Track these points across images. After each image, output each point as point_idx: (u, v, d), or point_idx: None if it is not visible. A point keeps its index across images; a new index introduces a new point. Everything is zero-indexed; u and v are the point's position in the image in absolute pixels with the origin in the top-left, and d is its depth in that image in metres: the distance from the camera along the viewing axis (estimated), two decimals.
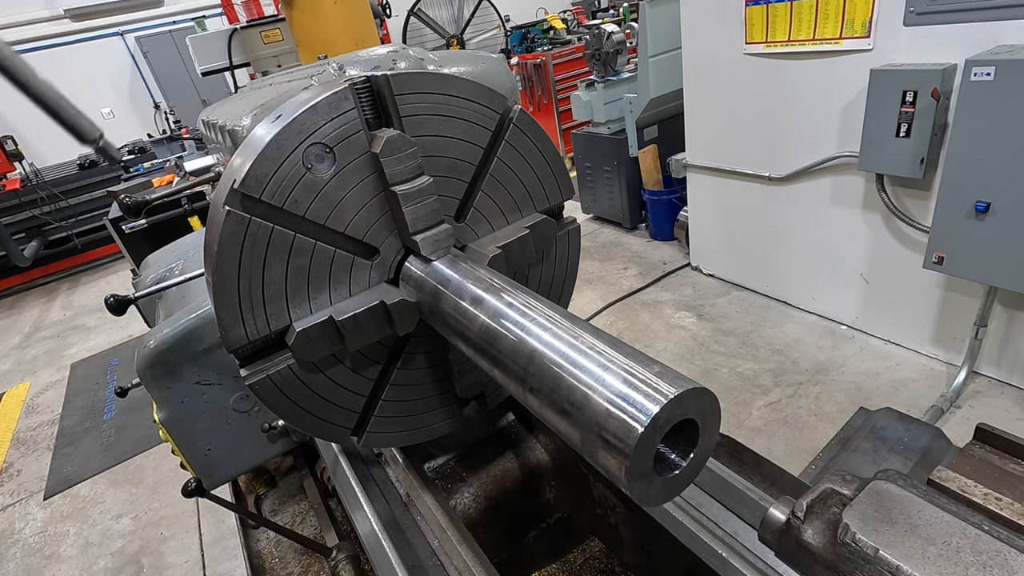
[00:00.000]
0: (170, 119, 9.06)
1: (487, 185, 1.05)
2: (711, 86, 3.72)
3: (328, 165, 0.87)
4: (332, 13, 3.10)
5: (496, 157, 1.05)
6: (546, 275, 1.21)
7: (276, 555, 2.25)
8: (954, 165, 2.39)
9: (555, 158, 1.12)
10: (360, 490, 1.27)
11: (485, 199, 1.06)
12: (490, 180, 1.05)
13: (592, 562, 1.64)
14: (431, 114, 0.95)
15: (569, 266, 1.24)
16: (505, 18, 8.99)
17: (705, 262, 4.39)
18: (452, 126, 0.98)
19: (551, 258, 1.20)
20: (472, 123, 1.01)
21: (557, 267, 1.22)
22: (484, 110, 1.01)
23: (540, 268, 1.19)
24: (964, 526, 0.59)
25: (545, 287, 1.22)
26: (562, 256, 1.22)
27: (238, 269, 0.84)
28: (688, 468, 0.61)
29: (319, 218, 0.89)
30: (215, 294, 0.84)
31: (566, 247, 1.22)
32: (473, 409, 1.20)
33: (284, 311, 0.90)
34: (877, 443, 1.78)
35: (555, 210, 1.16)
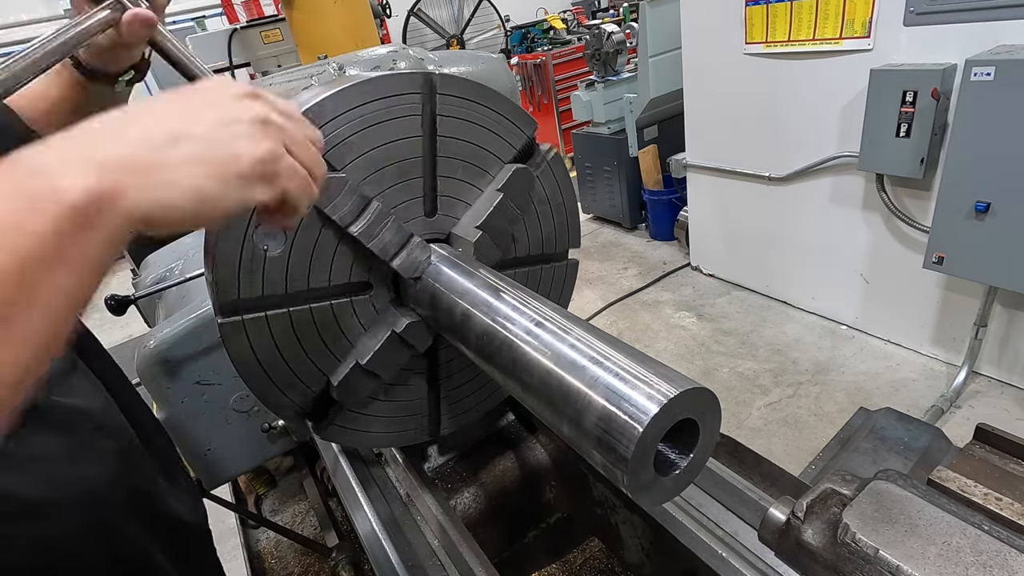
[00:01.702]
0: None
1: (443, 168, 0.99)
2: (711, 86, 3.72)
3: (280, 239, 0.87)
4: (332, 13, 3.10)
5: (438, 136, 0.98)
6: (544, 217, 1.13)
7: (276, 555, 2.25)
8: (954, 165, 2.39)
9: (499, 102, 1.03)
10: (360, 490, 1.27)
11: (448, 182, 1.01)
12: (443, 162, 0.99)
13: (592, 562, 1.64)
14: (350, 135, 0.87)
15: (564, 196, 1.15)
16: (505, 18, 8.98)
17: (705, 262, 4.39)
18: (377, 133, 0.89)
19: (541, 197, 1.11)
20: (397, 118, 0.91)
21: (552, 203, 1.13)
22: (402, 98, 0.92)
23: (535, 211, 1.11)
24: (964, 526, 0.59)
25: (548, 230, 1.15)
26: (552, 188, 1.12)
27: (259, 364, 0.91)
28: (688, 468, 0.61)
29: (300, 285, 0.90)
30: (257, 392, 0.93)
31: (552, 178, 1.11)
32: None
33: (317, 373, 0.96)
34: (877, 443, 1.78)
35: (525, 150, 1.07)
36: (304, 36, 3.24)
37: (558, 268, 1.19)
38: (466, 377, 1.15)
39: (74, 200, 0.38)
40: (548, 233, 1.15)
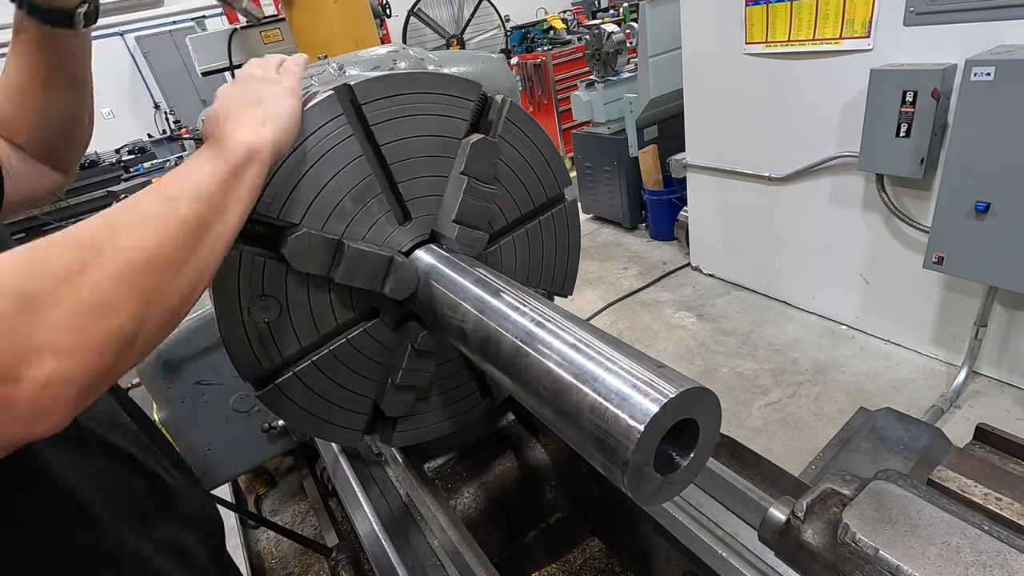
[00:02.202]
0: (170, 119, 9.06)
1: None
2: (711, 86, 3.72)
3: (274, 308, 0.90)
4: (332, 13, 3.09)
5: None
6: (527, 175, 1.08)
7: (276, 555, 2.25)
8: (954, 165, 2.39)
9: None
10: (360, 490, 1.27)
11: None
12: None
13: (592, 562, 1.64)
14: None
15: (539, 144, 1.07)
16: (505, 18, 8.98)
17: (705, 262, 4.39)
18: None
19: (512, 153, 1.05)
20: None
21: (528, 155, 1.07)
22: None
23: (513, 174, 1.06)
24: (964, 526, 0.59)
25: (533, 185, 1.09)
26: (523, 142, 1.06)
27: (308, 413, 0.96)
28: (688, 468, 0.61)
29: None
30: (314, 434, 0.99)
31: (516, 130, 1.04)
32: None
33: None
34: (877, 443, 1.78)
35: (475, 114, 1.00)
36: (304, 36, 3.24)
37: (557, 213, 1.14)
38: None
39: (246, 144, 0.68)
40: (533, 185, 1.09)
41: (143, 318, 0.54)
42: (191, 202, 0.60)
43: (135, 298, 0.53)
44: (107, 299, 0.51)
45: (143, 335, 0.54)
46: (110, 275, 0.51)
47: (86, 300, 0.49)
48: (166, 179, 0.63)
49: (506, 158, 1.03)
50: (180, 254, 0.58)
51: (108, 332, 0.50)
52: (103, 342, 0.50)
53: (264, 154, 0.69)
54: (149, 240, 0.55)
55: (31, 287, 0.47)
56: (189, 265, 0.59)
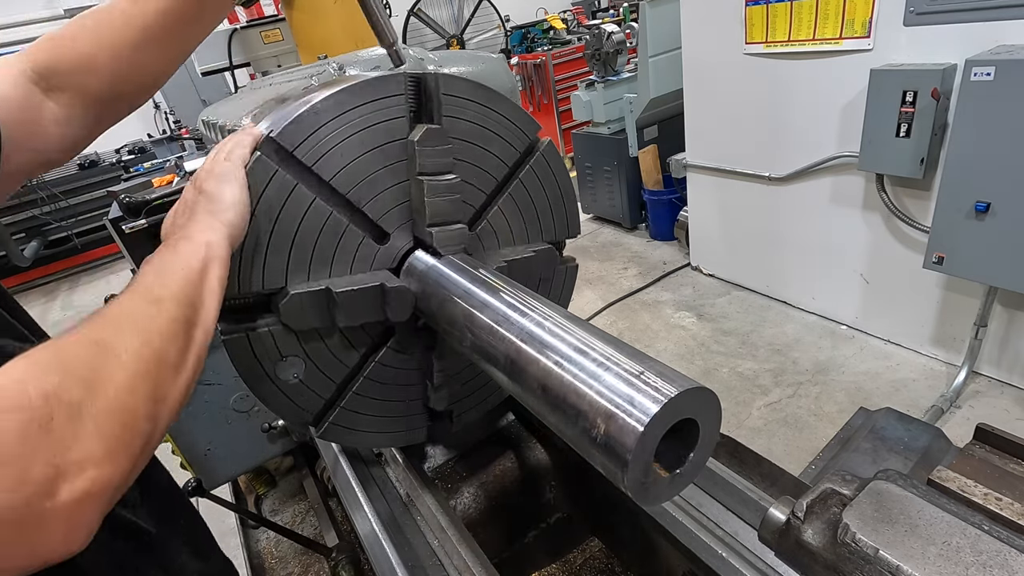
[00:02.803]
0: (170, 119, 9.05)
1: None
2: (711, 86, 3.72)
3: (299, 365, 0.94)
4: (332, 13, 3.09)
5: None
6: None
7: (276, 555, 2.25)
8: (954, 165, 2.39)
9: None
10: (360, 490, 1.27)
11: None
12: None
13: (592, 562, 1.64)
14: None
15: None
16: (505, 18, 8.97)
17: (705, 262, 4.39)
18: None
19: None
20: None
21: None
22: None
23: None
24: (964, 526, 0.59)
25: None
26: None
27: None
28: (688, 468, 0.61)
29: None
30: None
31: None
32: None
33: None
34: (877, 443, 1.78)
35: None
36: (304, 36, 3.24)
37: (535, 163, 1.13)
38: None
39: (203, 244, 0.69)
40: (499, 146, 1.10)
41: (157, 418, 0.55)
42: (175, 303, 0.62)
43: (150, 399, 0.54)
44: (130, 403, 0.51)
45: (156, 435, 0.55)
46: (129, 377, 0.52)
47: (113, 405, 0.49)
48: (140, 282, 0.63)
49: (460, 133, 0.98)
50: (178, 353, 0.60)
51: (133, 435, 0.51)
52: (131, 446, 0.51)
53: (221, 250, 0.71)
54: (154, 341, 0.57)
55: (68, 394, 0.46)
56: (186, 362, 0.61)
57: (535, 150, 1.09)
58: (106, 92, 0.88)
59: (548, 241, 1.15)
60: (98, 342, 0.52)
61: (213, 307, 0.67)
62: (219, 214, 0.74)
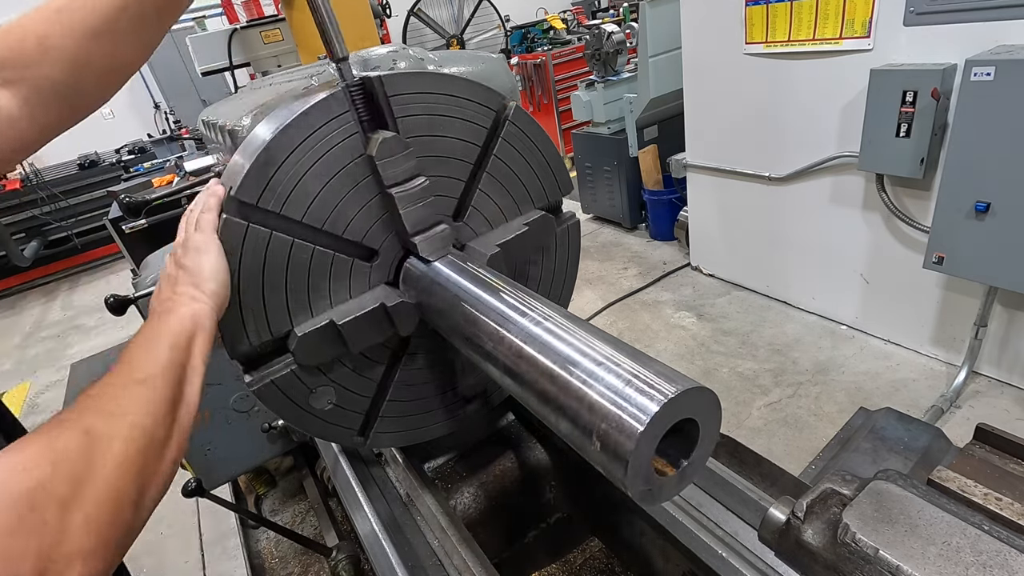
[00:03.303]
0: (170, 119, 9.05)
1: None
2: (711, 86, 3.72)
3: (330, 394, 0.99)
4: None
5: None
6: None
7: (276, 555, 2.25)
8: (954, 165, 2.39)
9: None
10: (360, 490, 1.27)
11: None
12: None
13: (592, 562, 1.64)
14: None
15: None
16: (505, 18, 8.98)
17: (705, 262, 4.39)
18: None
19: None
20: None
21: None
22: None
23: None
24: (964, 526, 0.59)
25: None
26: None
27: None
28: (688, 468, 0.61)
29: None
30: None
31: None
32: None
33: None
34: (877, 443, 1.78)
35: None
36: (304, 36, 3.24)
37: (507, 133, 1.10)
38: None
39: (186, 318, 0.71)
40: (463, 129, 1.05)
41: (143, 503, 0.54)
42: (163, 382, 0.62)
43: (137, 485, 0.53)
44: (119, 491, 0.51)
45: (142, 519, 0.55)
46: (118, 466, 0.52)
47: (102, 496, 0.49)
48: (128, 359, 0.63)
49: (419, 129, 0.94)
50: (164, 431, 0.60)
51: (121, 524, 0.51)
52: (118, 534, 0.50)
53: (207, 320, 0.73)
54: (142, 424, 0.56)
55: (58, 488, 0.46)
56: (172, 440, 0.61)
57: (503, 120, 1.04)
58: (64, 84, 0.81)
59: (542, 206, 1.11)
60: (87, 431, 0.52)
61: (197, 384, 0.68)
62: (201, 285, 0.75)
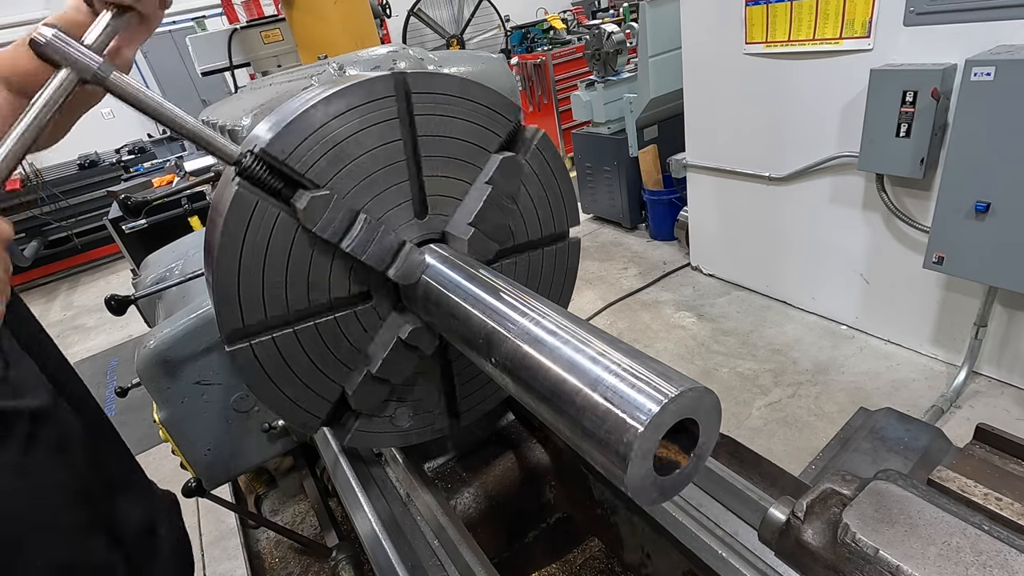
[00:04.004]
0: None
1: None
2: (711, 86, 3.72)
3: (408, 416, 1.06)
4: (332, 13, 3.10)
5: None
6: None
7: (276, 555, 2.25)
8: (954, 165, 2.39)
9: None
10: (360, 490, 1.27)
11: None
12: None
13: (592, 562, 1.64)
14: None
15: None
16: (505, 18, 8.98)
17: (705, 262, 4.39)
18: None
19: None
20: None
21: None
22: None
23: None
24: (964, 526, 0.59)
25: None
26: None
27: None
28: (688, 468, 0.61)
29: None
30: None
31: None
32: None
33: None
34: (877, 443, 1.78)
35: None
36: (304, 36, 3.24)
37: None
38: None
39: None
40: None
41: None
42: None
43: None
44: None
45: None
46: None
47: None
48: None
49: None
50: None
51: None
52: None
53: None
54: None
55: None
56: None
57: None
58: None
59: (497, 145, 1.03)
60: None
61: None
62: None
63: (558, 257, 1.17)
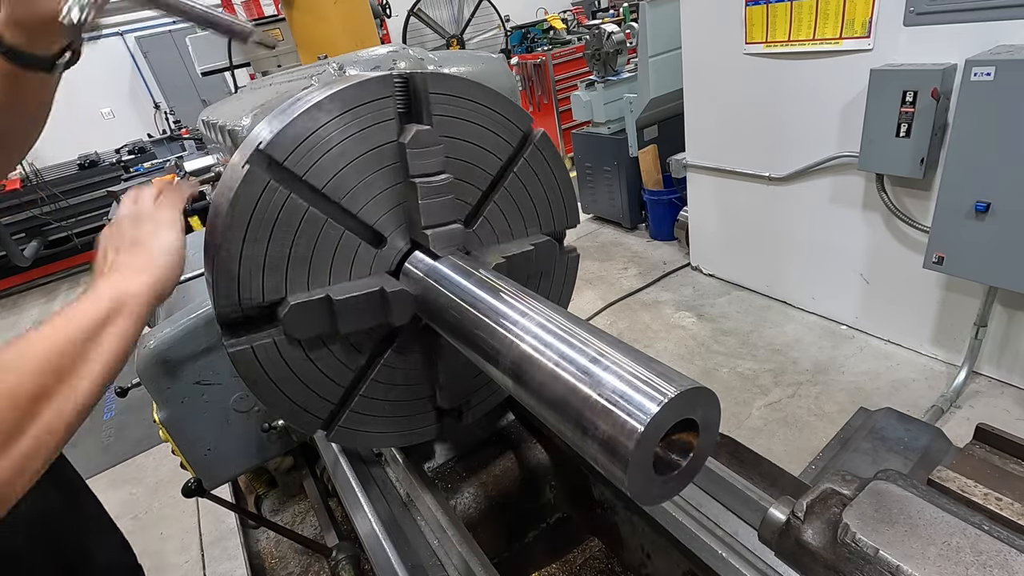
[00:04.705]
0: (170, 119, 9.06)
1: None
2: (711, 86, 3.72)
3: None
4: (332, 13, 3.09)
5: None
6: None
7: (276, 555, 2.25)
8: (954, 165, 2.39)
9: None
10: (360, 490, 1.27)
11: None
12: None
13: (592, 562, 1.64)
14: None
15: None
16: (505, 18, 8.99)
17: (705, 262, 4.39)
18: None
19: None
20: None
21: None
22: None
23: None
24: (964, 526, 0.59)
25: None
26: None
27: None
28: (688, 468, 0.61)
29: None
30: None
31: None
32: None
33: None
34: (877, 443, 1.78)
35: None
36: (304, 36, 3.24)
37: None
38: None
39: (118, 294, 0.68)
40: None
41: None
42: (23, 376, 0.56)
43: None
44: None
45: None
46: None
47: None
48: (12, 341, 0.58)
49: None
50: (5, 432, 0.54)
51: None
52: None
53: (138, 301, 0.68)
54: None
55: None
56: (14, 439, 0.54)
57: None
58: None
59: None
60: None
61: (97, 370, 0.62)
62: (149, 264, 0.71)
63: (533, 163, 1.12)
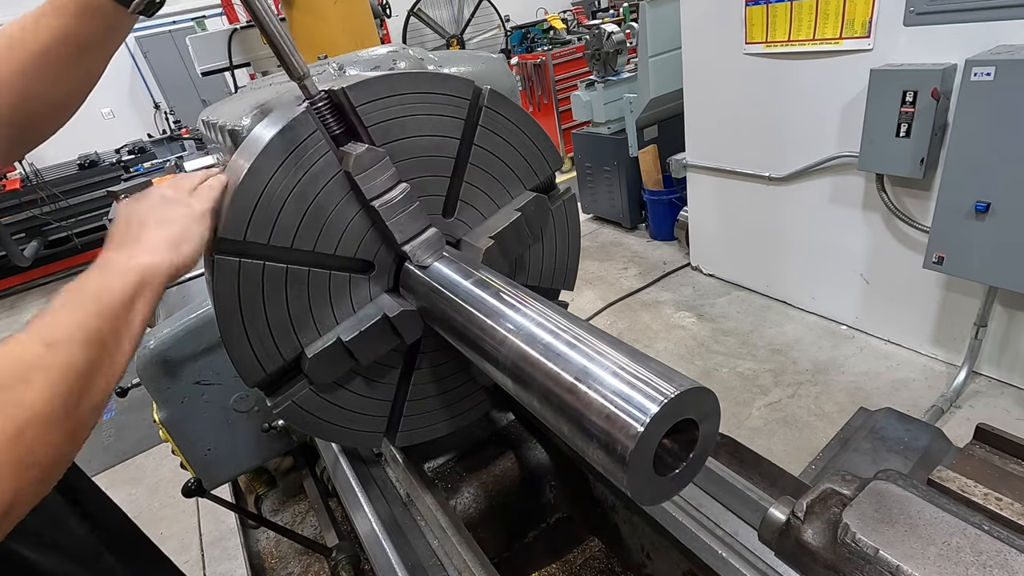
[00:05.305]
0: (170, 119, 9.06)
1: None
2: (711, 86, 3.72)
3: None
4: (332, 13, 3.09)
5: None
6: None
7: (276, 555, 2.25)
8: (954, 165, 2.39)
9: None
10: (360, 490, 1.27)
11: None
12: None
13: (592, 562, 1.64)
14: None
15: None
16: (505, 18, 8.99)
17: (705, 262, 4.39)
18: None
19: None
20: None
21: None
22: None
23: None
24: (964, 526, 0.59)
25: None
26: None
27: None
28: (687, 468, 0.61)
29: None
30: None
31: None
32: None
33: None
34: (877, 443, 1.78)
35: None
36: (304, 36, 3.24)
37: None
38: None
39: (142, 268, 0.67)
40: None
41: (18, 487, 0.48)
42: (76, 347, 0.54)
43: (11, 466, 0.47)
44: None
45: (18, 507, 0.49)
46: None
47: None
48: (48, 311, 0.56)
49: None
50: (63, 409, 0.52)
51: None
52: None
53: (159, 279, 0.68)
54: (30, 397, 0.50)
55: None
56: (73, 416, 0.53)
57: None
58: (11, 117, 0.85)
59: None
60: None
61: (128, 346, 0.62)
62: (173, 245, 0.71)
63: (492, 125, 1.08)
